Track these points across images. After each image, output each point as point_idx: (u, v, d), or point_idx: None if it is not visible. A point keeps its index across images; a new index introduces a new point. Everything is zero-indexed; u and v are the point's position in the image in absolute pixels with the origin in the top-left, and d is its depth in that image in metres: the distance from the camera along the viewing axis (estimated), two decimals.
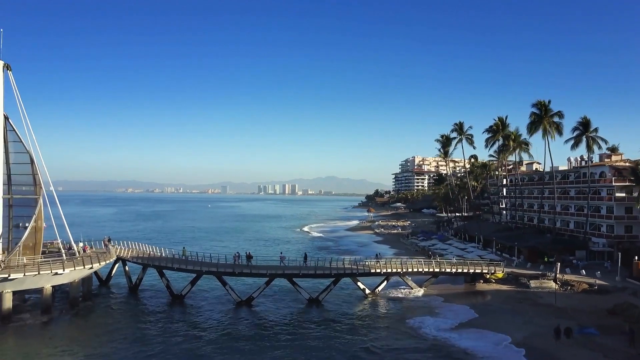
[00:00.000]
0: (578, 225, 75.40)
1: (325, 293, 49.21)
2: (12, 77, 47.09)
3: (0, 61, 46.68)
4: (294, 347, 36.01)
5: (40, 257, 45.20)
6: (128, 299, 50.20)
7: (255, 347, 36.05)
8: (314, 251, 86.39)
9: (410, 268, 53.38)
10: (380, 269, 51.55)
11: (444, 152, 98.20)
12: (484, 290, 54.63)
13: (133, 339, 37.57)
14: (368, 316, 45.77)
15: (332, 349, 36.02)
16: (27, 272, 40.15)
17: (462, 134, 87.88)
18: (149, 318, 43.72)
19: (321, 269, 49.47)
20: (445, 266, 55.10)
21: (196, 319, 43.80)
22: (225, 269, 48.13)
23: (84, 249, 51.00)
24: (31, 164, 49.79)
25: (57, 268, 41.83)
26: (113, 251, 51.80)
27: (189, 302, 48.69)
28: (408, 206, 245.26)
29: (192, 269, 48.30)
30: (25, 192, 49.84)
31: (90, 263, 45.21)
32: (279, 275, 48.15)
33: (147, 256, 52.76)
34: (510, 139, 77.58)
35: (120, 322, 42.56)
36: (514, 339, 36.00)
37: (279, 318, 44.42)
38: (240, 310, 46.70)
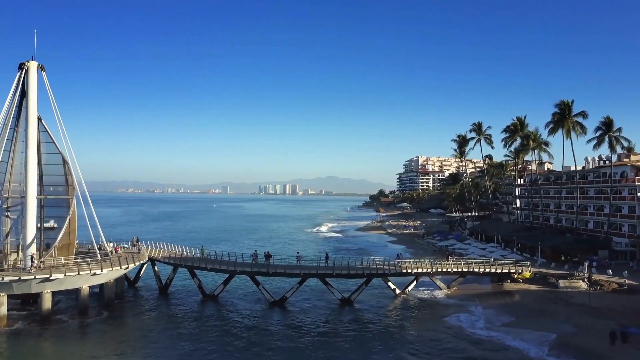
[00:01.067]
0: (597, 225, 75.53)
1: (357, 293, 49.32)
2: (46, 78, 47.23)
3: (34, 62, 46.75)
4: (330, 348, 36.05)
5: (78, 257, 45.33)
6: (160, 300, 50.23)
7: (289, 347, 36.07)
8: (332, 252, 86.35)
9: (440, 268, 53.50)
10: (411, 269, 51.61)
11: (459, 152, 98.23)
12: (513, 290, 54.67)
13: (170, 339, 37.66)
14: (403, 315, 45.92)
15: (375, 348, 36.11)
16: (68, 272, 40.23)
17: (480, 134, 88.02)
18: (183, 318, 43.81)
19: (354, 269, 49.58)
20: (473, 266, 55.17)
21: (230, 319, 43.83)
22: (260, 269, 48.15)
23: (115, 250, 51.05)
24: (63, 165, 49.95)
25: (95, 268, 41.92)
26: (145, 252, 51.79)
27: (221, 302, 48.76)
28: (414, 206, 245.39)
29: (226, 269, 48.35)
30: (57, 193, 49.99)
31: (126, 263, 45.29)
32: (313, 275, 48.28)
33: (179, 256, 52.76)
34: (530, 138, 77.61)
35: (156, 322, 42.67)
36: (558, 339, 36.12)
37: (312, 318, 44.49)
38: (274, 310, 46.83)
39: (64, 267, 40.76)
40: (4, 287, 39.09)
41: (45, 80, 47.14)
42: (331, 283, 49.49)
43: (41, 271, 39.93)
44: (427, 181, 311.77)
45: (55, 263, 43.35)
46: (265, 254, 52.57)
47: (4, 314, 39.61)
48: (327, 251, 70.51)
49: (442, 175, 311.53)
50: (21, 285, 39.52)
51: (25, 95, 47.05)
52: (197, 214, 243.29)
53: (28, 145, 46.24)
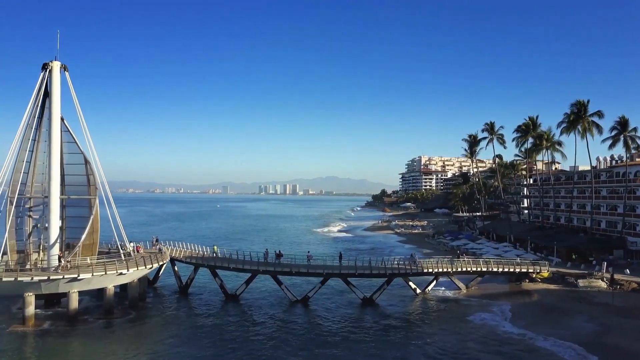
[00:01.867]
0: (610, 224, 75.67)
1: (379, 293, 49.40)
2: (69, 78, 47.31)
3: (58, 62, 46.79)
4: (356, 348, 36.02)
5: (101, 257, 45.40)
6: (182, 300, 50.30)
7: (313, 346, 36.04)
8: (344, 252, 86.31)
9: (459, 267, 53.59)
10: (432, 268, 51.72)
11: (470, 151, 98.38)
12: (532, 289, 54.87)
13: (196, 338, 37.64)
14: (427, 315, 46.01)
15: (403, 347, 36.21)
16: (95, 272, 40.30)
17: (493, 134, 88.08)
18: (207, 318, 43.81)
19: (376, 268, 49.66)
20: (492, 265, 55.29)
21: (253, 319, 43.75)
22: (283, 269, 48.25)
23: (137, 249, 51.10)
24: (85, 165, 49.95)
25: (122, 268, 41.99)
26: (167, 251, 51.82)
27: (244, 302, 48.81)
28: (418, 206, 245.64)
29: (249, 269, 48.43)
30: (79, 193, 50.04)
31: (150, 263, 45.38)
32: (335, 275, 48.37)
33: (201, 256, 52.81)
34: (544, 138, 77.73)
35: (181, 322, 42.65)
36: (589, 338, 36.24)
37: (335, 317, 44.50)
38: (296, 310, 46.90)
39: (92, 267, 40.74)
40: (32, 287, 39.14)
41: (68, 81, 47.21)
42: (352, 283, 49.52)
43: (69, 271, 39.93)
44: (430, 181, 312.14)
45: (81, 263, 43.34)
46: (277, 253, 52.91)
47: (32, 313, 39.65)
48: (338, 251, 70.74)
49: (445, 175, 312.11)
50: (49, 285, 39.59)
51: (48, 96, 47.22)
52: (203, 214, 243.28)
53: (52, 145, 46.27)
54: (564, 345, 34.75)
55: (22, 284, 38.65)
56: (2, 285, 38.72)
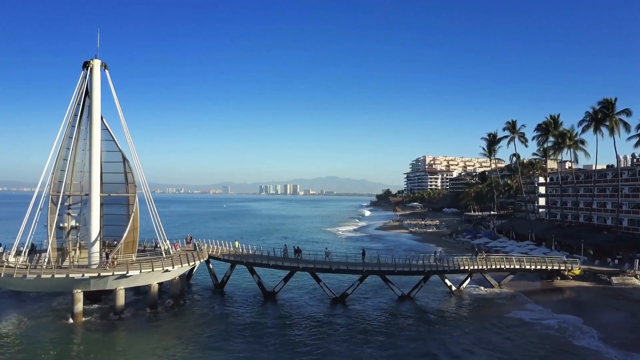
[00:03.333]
0: (632, 222, 75.97)
1: (417, 290, 49.67)
2: (109, 76, 47.49)
3: (98, 60, 46.99)
4: (396, 344, 36.15)
5: (139, 255, 45.62)
6: (220, 297, 50.45)
7: (352, 344, 35.99)
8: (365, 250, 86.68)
9: (493, 265, 53.83)
10: (468, 266, 51.98)
11: (488, 150, 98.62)
12: (565, 287, 55.19)
13: (236, 335, 37.65)
14: (467, 311, 46.33)
15: (448, 344, 36.40)
16: (143, 269, 40.52)
17: (514, 132, 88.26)
18: (246, 315, 43.95)
19: (415, 266, 49.94)
20: (524, 263, 55.52)
21: (292, 316, 43.89)
22: (322, 266, 48.45)
23: (174, 247, 51.30)
24: (123, 163, 50.19)
25: (168, 265, 42.21)
26: (205, 249, 51.99)
27: (282, 299, 48.98)
28: (425, 205, 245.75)
29: (288, 266, 48.63)
30: (116, 191, 50.28)
31: (193, 260, 45.62)
32: (374, 272, 48.58)
33: (239, 254, 52.98)
34: (567, 137, 77.99)
35: (221, 318, 42.71)
36: (636, 334, 36.50)
37: (375, 314, 44.73)
38: (335, 307, 47.06)
39: (140, 264, 40.94)
40: (81, 284, 39.38)
41: (108, 79, 47.42)
42: (390, 280, 49.73)
43: (118, 268, 40.12)
44: (436, 181, 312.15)
45: (124, 260, 43.45)
46: (295, 248, 53.80)
47: (81, 309, 39.90)
48: (355, 249, 71.13)
49: (450, 174, 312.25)
50: (98, 282, 39.80)
51: (87, 94, 47.43)
52: (212, 214, 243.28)
53: (92, 143, 46.53)
54: (610, 342, 34.94)
55: (73, 281, 38.93)
56: (52, 282, 39.03)
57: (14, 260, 43.33)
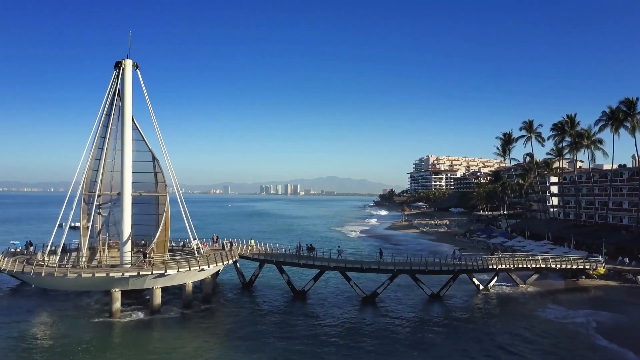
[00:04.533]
0: None
1: (446, 289, 49.86)
2: (140, 76, 47.64)
3: (129, 60, 47.14)
4: (429, 342, 36.30)
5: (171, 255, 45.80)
6: (250, 296, 50.63)
7: (385, 342, 36.08)
8: (374, 249, 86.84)
9: (520, 264, 54.03)
10: (496, 265, 52.19)
11: (502, 150, 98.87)
12: (590, 285, 55.47)
13: (269, 334, 37.75)
14: (497, 309, 46.47)
15: (479, 341, 36.60)
16: (181, 268, 40.68)
17: (531, 132, 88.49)
18: (278, 314, 44.14)
19: (445, 265, 50.19)
20: (550, 262, 55.73)
21: (324, 315, 43.80)
22: (354, 265, 48.62)
23: (203, 246, 51.47)
24: (153, 162, 50.43)
25: (203, 264, 42.38)
26: (235, 249, 52.15)
27: (312, 298, 49.08)
28: (431, 205, 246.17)
29: (319, 265, 48.80)
30: (145, 190, 50.46)
31: (227, 259, 45.85)
32: (405, 272, 48.74)
33: (269, 253, 53.12)
34: (585, 136, 78.27)
35: (253, 317, 42.84)
36: None
37: (406, 313, 44.75)
38: (366, 306, 47.20)
39: (177, 263, 41.10)
40: (120, 283, 39.57)
41: (139, 79, 47.55)
42: (420, 279, 49.91)
43: (157, 267, 40.28)
44: (440, 180, 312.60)
45: (163, 259, 43.44)
46: (308, 246, 54.28)
47: (118, 308, 40.16)
48: (369, 249, 71.26)
49: (454, 174, 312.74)
50: (136, 281, 39.97)
51: (118, 93, 47.63)
52: (219, 214, 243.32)
53: (124, 143, 46.72)
54: None
55: (112, 280, 39.11)
56: (92, 281, 39.20)
57: (48, 259, 43.60)
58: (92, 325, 38.78)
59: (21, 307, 45.46)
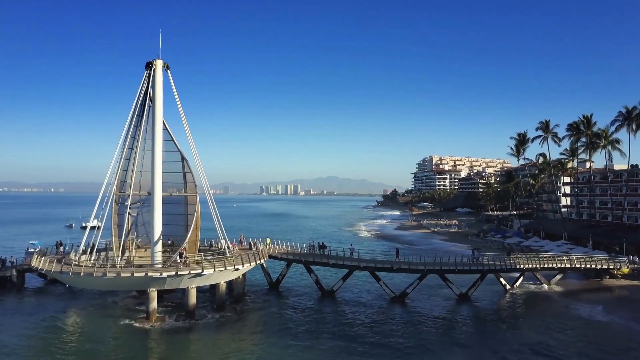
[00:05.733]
0: None
1: (474, 289, 50.02)
2: (170, 76, 47.70)
3: (160, 60, 47.17)
4: (463, 343, 36.43)
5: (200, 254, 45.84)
6: (279, 296, 50.66)
7: (415, 342, 36.09)
8: (390, 249, 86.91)
9: (545, 264, 54.21)
10: (523, 264, 52.36)
11: (516, 150, 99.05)
12: (615, 285, 55.78)
13: (301, 334, 37.77)
14: (526, 309, 46.67)
15: (514, 337, 36.78)
16: (217, 267, 40.77)
17: (547, 132, 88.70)
18: (308, 314, 44.14)
19: (475, 265, 50.36)
20: (575, 262, 55.92)
21: (353, 315, 43.79)
22: (384, 265, 48.77)
23: (232, 246, 51.53)
24: (182, 163, 50.61)
25: (238, 264, 42.48)
26: (265, 248, 52.20)
27: (342, 298, 49.14)
28: (436, 205, 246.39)
29: (349, 265, 48.94)
30: (175, 190, 50.62)
31: (260, 259, 46.03)
32: (435, 272, 48.87)
33: (297, 252, 53.20)
34: (602, 137, 78.52)
35: (284, 317, 42.83)
36: None
37: (437, 313, 44.82)
38: (395, 306, 47.26)
39: (213, 263, 41.18)
40: (157, 283, 39.64)
41: (170, 79, 47.51)
42: (449, 279, 50.08)
43: (194, 267, 40.34)
44: (444, 181, 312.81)
45: (200, 259, 43.33)
46: (320, 245, 54.80)
47: (155, 308, 40.18)
48: (383, 248, 70.90)
49: (458, 174, 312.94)
50: (173, 281, 40.04)
51: (148, 94, 47.71)
52: (226, 215, 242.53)
53: (155, 143, 46.72)
54: None
55: (149, 280, 39.17)
56: (130, 281, 39.30)
57: (82, 259, 43.68)
58: (130, 328, 38.68)
59: (50, 306, 45.74)
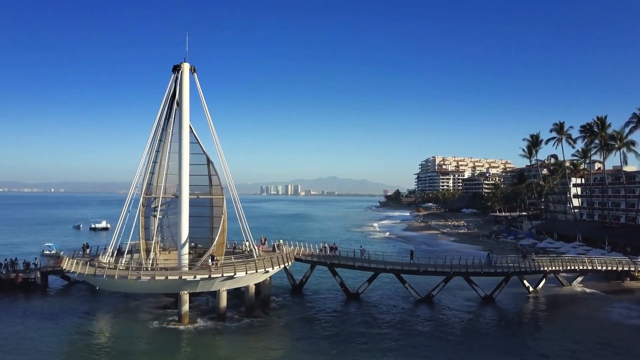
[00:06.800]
0: None
1: (498, 291, 50.21)
2: (197, 79, 47.82)
3: (187, 64, 47.30)
4: (492, 345, 36.51)
5: None
6: (303, 298, 50.78)
7: (441, 346, 36.13)
8: (404, 251, 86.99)
9: (569, 266, 54.39)
10: (546, 267, 52.55)
11: (528, 151, 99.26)
12: (636, 287, 56.13)
13: (329, 337, 37.89)
14: (553, 311, 47.01)
15: (544, 339, 36.92)
16: (249, 270, 40.89)
17: (562, 134, 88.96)
18: (334, 316, 44.20)
19: (500, 267, 50.57)
20: (596, 264, 56.10)
21: (380, 317, 43.83)
22: (410, 267, 48.93)
23: (258, 248, 51.63)
24: (208, 165, 50.77)
25: (268, 266, 42.61)
26: (291, 250, 52.29)
27: (367, 300, 49.21)
28: (441, 206, 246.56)
29: (375, 267, 49.08)
30: (201, 192, 50.76)
31: (287, 261, 46.18)
32: (460, 274, 49.05)
33: (322, 254, 53.30)
34: (617, 138, 78.78)
35: (311, 320, 42.76)
36: None
37: (463, 315, 45.03)
38: (421, 308, 47.36)
39: (245, 265, 41.30)
40: (189, 285, 39.76)
41: (196, 82, 47.66)
42: (474, 281, 50.23)
43: (227, 269, 40.44)
44: (448, 181, 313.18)
45: (233, 262, 43.28)
46: (331, 246, 55.09)
47: (187, 311, 40.28)
48: (395, 250, 70.81)
49: (462, 175, 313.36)
50: (205, 284, 40.18)
51: (174, 97, 47.82)
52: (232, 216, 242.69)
53: (182, 146, 46.92)
54: None
55: (182, 283, 39.31)
56: (163, 284, 39.45)
57: (112, 262, 43.80)
58: (163, 331, 38.77)
59: (76, 308, 45.93)
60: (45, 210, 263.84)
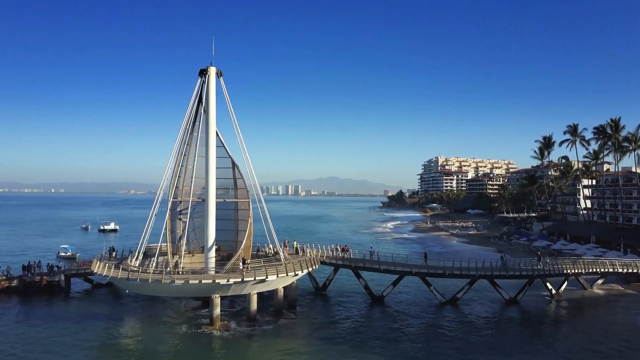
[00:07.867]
0: None
1: (522, 293, 50.44)
2: (223, 83, 47.95)
3: (213, 67, 47.44)
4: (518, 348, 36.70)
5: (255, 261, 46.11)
6: (327, 301, 50.97)
7: (469, 348, 36.26)
8: (416, 253, 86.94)
9: (591, 268, 54.57)
10: (570, 269, 52.74)
11: (540, 153, 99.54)
12: None
13: (357, 341, 37.96)
14: (580, 313, 47.14)
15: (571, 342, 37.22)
16: (280, 273, 41.05)
17: (575, 136, 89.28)
18: (360, 319, 44.34)
19: (525, 270, 50.83)
20: (617, 266, 56.30)
21: (405, 321, 43.88)
22: (436, 271, 49.14)
23: (283, 251, 51.77)
24: (233, 168, 50.93)
25: (298, 269, 42.80)
26: (317, 254, 52.42)
27: (392, 304, 49.28)
28: (445, 206, 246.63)
29: (400, 270, 49.26)
30: (224, 196, 50.91)
31: (315, 264, 46.44)
32: (485, 277, 49.28)
33: (346, 257, 53.44)
34: (632, 140, 79.12)
35: (337, 323, 42.91)
36: None
37: (489, 318, 45.20)
38: (447, 310, 47.51)
39: (276, 269, 41.48)
40: (221, 289, 39.95)
41: (222, 86, 47.77)
42: (498, 284, 50.43)
43: (259, 273, 40.60)
44: (451, 182, 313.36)
45: (264, 265, 43.33)
46: (342, 247, 55.61)
47: (218, 314, 40.46)
48: (406, 251, 70.87)
49: (465, 176, 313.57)
50: (236, 287, 40.34)
51: (201, 101, 47.99)
52: None
53: (209, 149, 47.07)
54: None
55: (214, 286, 39.51)
56: (196, 287, 39.62)
57: (141, 265, 44.00)
58: (196, 335, 38.85)
59: (103, 311, 46.05)
60: (49, 212, 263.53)
